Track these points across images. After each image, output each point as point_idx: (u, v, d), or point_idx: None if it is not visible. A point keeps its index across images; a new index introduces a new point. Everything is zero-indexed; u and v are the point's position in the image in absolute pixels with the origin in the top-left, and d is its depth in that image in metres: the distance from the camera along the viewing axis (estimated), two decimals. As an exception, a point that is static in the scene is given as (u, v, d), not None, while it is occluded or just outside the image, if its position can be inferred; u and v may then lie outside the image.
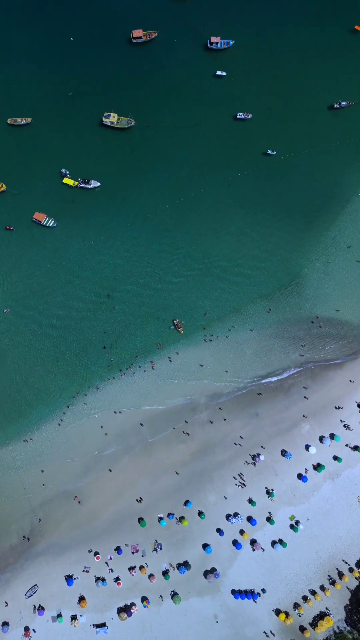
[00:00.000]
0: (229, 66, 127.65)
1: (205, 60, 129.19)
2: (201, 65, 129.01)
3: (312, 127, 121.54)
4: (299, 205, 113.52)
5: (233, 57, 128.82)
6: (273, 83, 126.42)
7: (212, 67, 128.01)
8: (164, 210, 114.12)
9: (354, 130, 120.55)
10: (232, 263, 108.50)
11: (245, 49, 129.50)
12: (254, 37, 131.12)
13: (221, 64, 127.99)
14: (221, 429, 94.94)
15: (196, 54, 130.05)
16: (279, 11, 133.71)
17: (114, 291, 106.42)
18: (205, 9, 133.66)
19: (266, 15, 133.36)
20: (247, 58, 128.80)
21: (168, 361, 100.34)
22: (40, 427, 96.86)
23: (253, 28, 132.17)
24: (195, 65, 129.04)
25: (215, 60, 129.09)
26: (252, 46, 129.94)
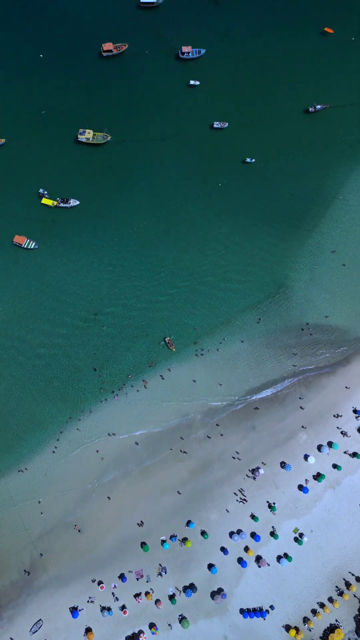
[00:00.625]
0: (202, 75, 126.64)
1: (178, 71, 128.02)
2: (174, 75, 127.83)
3: (289, 132, 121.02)
4: (280, 213, 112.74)
5: (205, 66, 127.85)
6: (247, 90, 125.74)
7: (185, 77, 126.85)
8: (146, 225, 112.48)
9: (331, 133, 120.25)
10: (219, 275, 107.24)
11: (217, 57, 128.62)
12: (226, 45, 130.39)
13: (194, 73, 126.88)
14: (218, 444, 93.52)
15: (168, 65, 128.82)
16: (249, 17, 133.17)
17: (101, 312, 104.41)
18: (174, 18, 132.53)
19: (236, 22, 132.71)
20: (219, 66, 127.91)
21: (160, 379, 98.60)
22: (34, 456, 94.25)
23: (224, 36, 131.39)
24: (168, 76, 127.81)
25: (187, 69, 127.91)
26: (224, 54, 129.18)
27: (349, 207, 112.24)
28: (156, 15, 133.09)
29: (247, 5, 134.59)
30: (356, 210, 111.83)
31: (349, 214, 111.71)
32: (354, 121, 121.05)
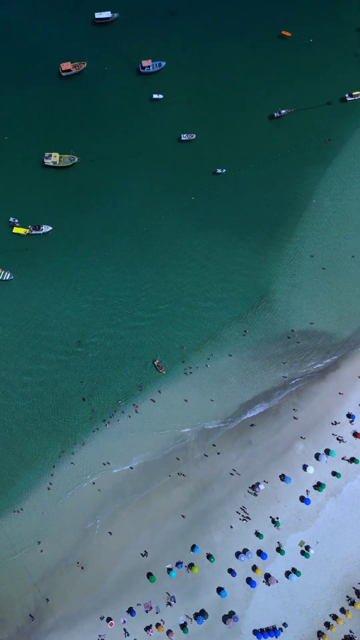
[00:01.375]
0: (165, 88, 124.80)
1: (140, 85, 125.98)
2: (136, 90, 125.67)
3: (256, 139, 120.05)
4: (256, 221, 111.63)
5: (167, 79, 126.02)
6: (211, 99, 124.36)
7: (147, 91, 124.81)
8: (122, 245, 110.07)
9: (298, 137, 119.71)
10: (200, 290, 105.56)
11: (178, 68, 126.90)
12: (186, 56, 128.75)
13: (156, 86, 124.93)
14: (216, 463, 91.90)
15: (129, 80, 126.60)
16: (206, 26, 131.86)
17: (84, 340, 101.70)
18: (131, 33, 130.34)
19: (194, 32, 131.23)
20: (181, 78, 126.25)
21: (152, 402, 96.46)
22: (29, 495, 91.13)
23: (183, 46, 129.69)
24: (131, 91, 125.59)
25: (149, 83, 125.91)
26: (184, 65, 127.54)
27: (323, 210, 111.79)
28: (112, 30, 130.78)
29: (203, 14, 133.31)
30: (331, 212, 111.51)
31: (323, 217, 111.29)
32: (320, 123, 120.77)
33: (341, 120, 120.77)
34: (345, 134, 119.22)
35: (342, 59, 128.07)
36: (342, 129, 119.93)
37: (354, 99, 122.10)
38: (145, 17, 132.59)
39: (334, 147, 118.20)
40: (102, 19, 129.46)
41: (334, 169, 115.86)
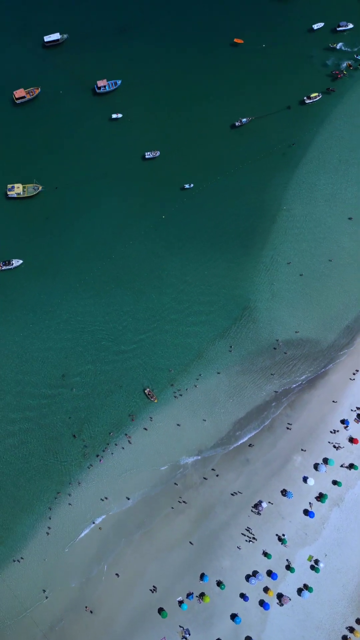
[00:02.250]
0: (123, 107, 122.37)
1: (97, 106, 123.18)
2: (94, 111, 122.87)
3: (221, 150, 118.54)
4: (229, 233, 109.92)
5: (125, 97, 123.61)
6: (171, 114, 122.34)
7: (106, 111, 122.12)
8: (96, 271, 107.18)
9: (261, 144, 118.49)
10: (182, 310, 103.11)
11: (134, 86, 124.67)
12: (140, 72, 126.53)
13: (114, 106, 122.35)
14: (216, 486, 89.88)
15: (86, 102, 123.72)
16: (158, 40, 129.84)
17: (68, 373, 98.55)
18: (83, 53, 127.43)
19: (146, 47, 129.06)
20: (139, 95, 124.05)
21: (144, 431, 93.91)
22: (28, 541, 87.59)
23: (137, 63, 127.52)
24: (89, 113, 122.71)
25: (107, 103, 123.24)
26: (140, 81, 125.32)
27: (294, 216, 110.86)
28: (63, 52, 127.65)
29: (153, 28, 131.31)
30: (302, 217, 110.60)
31: (296, 223, 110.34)
32: (282, 129, 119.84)
33: (302, 123, 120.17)
34: (308, 137, 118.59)
35: (297, 62, 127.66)
36: (304, 132, 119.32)
37: (313, 101, 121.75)
38: (95, 36, 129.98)
39: (298, 151, 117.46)
40: (52, 42, 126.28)
41: (300, 173, 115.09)
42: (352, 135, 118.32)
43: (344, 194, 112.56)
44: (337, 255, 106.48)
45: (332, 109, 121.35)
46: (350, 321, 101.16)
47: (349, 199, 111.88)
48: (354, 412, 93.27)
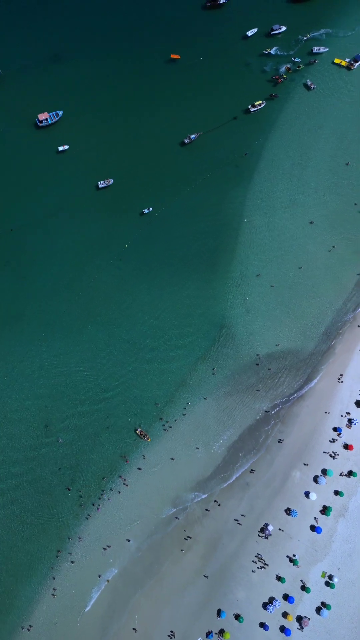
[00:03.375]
0: (69, 138, 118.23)
1: (42, 140, 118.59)
2: (39, 146, 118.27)
3: (174, 169, 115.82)
4: (195, 254, 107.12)
5: (69, 128, 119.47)
6: (119, 139, 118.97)
7: (51, 144, 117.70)
8: (66, 313, 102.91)
9: (213, 158, 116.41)
10: (159, 338, 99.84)
11: (77, 115, 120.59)
12: (81, 100, 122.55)
13: (60, 138, 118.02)
14: (219, 516, 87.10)
15: (30, 136, 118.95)
16: (93, 64, 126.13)
17: (52, 423, 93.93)
18: (19, 87, 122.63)
19: (83, 73, 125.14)
20: (82, 123, 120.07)
21: (139, 471, 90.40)
22: (35, 607, 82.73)
23: (76, 91, 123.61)
24: (34, 148, 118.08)
25: (52, 136, 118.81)
26: (82, 110, 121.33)
27: (256, 227, 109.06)
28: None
29: (87, 51, 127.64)
30: (264, 227, 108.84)
31: (258, 234, 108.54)
32: (232, 140, 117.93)
33: (251, 132, 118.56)
34: (258, 145, 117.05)
35: (236, 71, 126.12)
36: (254, 141, 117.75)
37: (258, 109, 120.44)
38: (29, 67, 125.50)
39: (251, 160, 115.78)
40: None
41: (256, 183, 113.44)
42: (301, 138, 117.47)
43: (302, 198, 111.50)
44: (304, 261, 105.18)
45: (277, 115, 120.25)
46: (327, 326, 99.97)
47: (308, 203, 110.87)
48: (344, 417, 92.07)
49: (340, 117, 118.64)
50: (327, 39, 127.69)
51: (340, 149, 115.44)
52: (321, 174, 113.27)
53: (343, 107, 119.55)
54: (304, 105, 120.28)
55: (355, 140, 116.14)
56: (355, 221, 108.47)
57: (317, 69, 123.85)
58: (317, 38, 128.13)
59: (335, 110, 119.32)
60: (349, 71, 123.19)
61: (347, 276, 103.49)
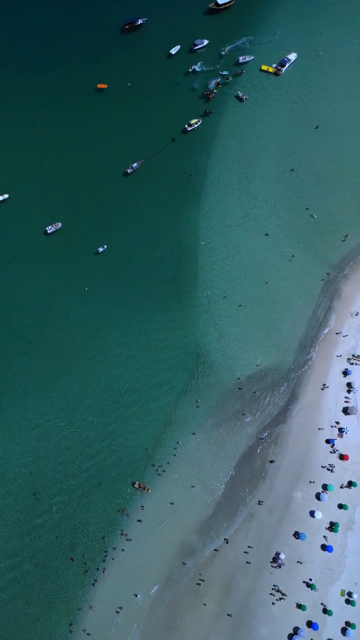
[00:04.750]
0: (7, 186, 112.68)
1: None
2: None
3: (121, 202, 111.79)
4: (158, 285, 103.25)
5: (5, 175, 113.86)
6: (60, 180, 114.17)
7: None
8: (33, 368, 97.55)
9: (160, 183, 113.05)
10: (137, 380, 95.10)
11: (11, 160, 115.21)
12: (13, 143, 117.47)
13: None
14: (229, 554, 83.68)
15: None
16: (20, 106, 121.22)
17: (40, 489, 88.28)
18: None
19: (10, 116, 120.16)
20: (19, 168, 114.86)
21: (139, 523, 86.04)
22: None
23: (6, 134, 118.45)
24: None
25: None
26: (17, 153, 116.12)
27: (214, 249, 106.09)
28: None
29: (11, 92, 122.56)
30: (222, 248, 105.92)
31: (217, 255, 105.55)
32: (174, 163, 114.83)
33: (192, 152, 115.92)
34: (201, 164, 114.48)
35: (167, 92, 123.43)
36: (197, 160, 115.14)
37: (195, 128, 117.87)
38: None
39: (197, 181, 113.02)
40: None
41: (206, 203, 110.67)
42: (243, 151, 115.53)
43: (253, 211, 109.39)
44: (267, 275, 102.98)
45: (215, 130, 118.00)
46: (302, 337, 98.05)
47: (260, 215, 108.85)
48: (335, 427, 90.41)
49: (276, 124, 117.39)
50: (251, 46, 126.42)
51: (282, 156, 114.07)
52: (268, 184, 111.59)
53: (278, 114, 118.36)
54: (239, 117, 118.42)
55: (295, 145, 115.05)
56: (309, 226, 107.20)
57: (246, 79, 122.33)
58: (241, 47, 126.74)
59: (271, 118, 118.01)
60: (278, 77, 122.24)
61: (311, 283, 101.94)
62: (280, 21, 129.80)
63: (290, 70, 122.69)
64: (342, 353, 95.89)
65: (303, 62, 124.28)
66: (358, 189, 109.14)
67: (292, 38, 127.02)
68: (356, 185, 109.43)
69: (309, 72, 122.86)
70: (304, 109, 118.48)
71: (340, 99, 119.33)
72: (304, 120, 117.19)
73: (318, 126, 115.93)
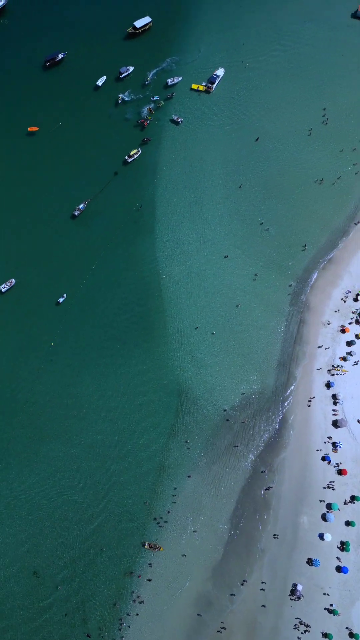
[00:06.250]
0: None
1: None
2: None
3: (74, 247, 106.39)
4: (126, 327, 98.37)
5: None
6: (6, 236, 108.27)
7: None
8: (11, 440, 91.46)
9: (110, 221, 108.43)
10: (122, 431, 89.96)
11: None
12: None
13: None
14: (246, 595, 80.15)
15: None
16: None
17: (40, 567, 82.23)
18: None
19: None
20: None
21: (149, 583, 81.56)
22: None
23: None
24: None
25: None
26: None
27: (176, 280, 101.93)
28: None
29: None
30: (184, 278, 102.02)
31: (181, 286, 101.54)
32: (120, 197, 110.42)
33: (137, 183, 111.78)
34: (149, 194, 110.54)
35: (100, 125, 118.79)
36: (143, 191, 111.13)
37: (135, 158, 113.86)
38: None
39: (147, 212, 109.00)
40: None
41: (160, 234, 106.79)
42: (188, 175, 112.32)
43: (209, 234, 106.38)
44: (234, 298, 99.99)
45: (157, 157, 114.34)
46: (279, 355, 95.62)
47: (216, 237, 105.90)
48: (328, 443, 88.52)
49: (216, 142, 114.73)
50: (177, 67, 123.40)
51: (228, 174, 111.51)
52: (219, 204, 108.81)
53: (216, 132, 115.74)
54: (178, 141, 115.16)
55: (239, 161, 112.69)
56: (266, 241, 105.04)
57: (178, 101, 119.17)
58: (167, 69, 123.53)
59: (210, 137, 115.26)
60: (209, 94, 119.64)
61: (279, 299, 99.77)
62: (201, 37, 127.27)
63: (220, 86, 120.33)
64: (321, 365, 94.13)
65: (232, 76, 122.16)
66: (307, 196, 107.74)
67: (216, 53, 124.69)
68: (304, 193, 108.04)
69: (239, 85, 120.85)
70: (241, 123, 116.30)
71: (275, 108, 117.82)
72: (243, 134, 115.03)
73: (258, 138, 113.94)
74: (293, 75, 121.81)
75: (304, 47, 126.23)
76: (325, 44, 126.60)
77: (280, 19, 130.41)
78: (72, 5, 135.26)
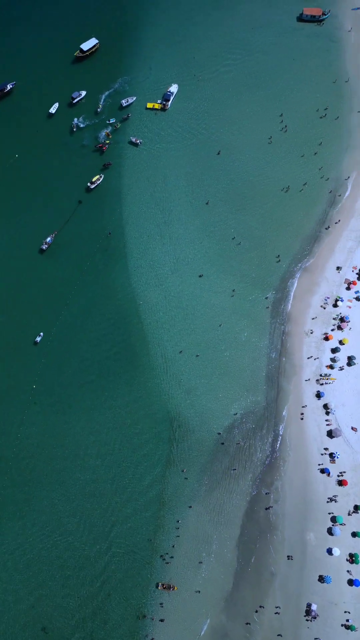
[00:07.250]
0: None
1: None
2: None
3: (45, 282, 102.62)
4: (108, 359, 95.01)
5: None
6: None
7: None
8: (2, 495, 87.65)
9: (80, 251, 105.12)
10: (117, 468, 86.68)
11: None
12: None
13: None
14: (262, 621, 77.94)
15: None
16: None
17: (48, 621, 78.68)
18: None
19: None
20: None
21: (162, 623, 78.65)
22: None
23: None
24: None
25: None
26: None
27: (153, 305, 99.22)
28: None
29: None
30: (161, 301, 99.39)
31: (159, 310, 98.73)
32: (88, 226, 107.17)
33: (102, 210, 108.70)
34: (116, 220, 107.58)
35: (58, 154, 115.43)
36: (110, 217, 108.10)
37: (98, 184, 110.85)
38: None
39: (116, 239, 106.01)
40: None
41: (132, 259, 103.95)
42: (154, 195, 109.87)
43: (182, 254, 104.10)
44: (215, 316, 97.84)
45: (120, 181, 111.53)
46: (266, 370, 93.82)
47: (189, 257, 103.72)
48: (325, 455, 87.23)
49: (178, 160, 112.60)
50: (130, 87, 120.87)
51: (194, 191, 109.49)
52: (188, 223, 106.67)
53: (177, 149, 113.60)
54: (139, 162, 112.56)
55: (203, 176, 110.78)
56: (239, 254, 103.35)
57: (134, 122, 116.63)
58: (120, 90, 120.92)
59: (171, 155, 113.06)
60: (165, 112, 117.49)
61: (259, 313, 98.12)
62: (151, 54, 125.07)
63: (176, 102, 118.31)
64: (309, 376, 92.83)
65: (186, 90, 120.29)
66: (275, 206, 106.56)
67: (168, 69, 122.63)
68: (271, 203, 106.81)
69: (194, 99, 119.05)
70: (200, 138, 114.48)
71: (232, 119, 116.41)
72: (204, 149, 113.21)
73: (220, 152, 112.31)
74: (247, 84, 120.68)
75: (254, 55, 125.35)
76: (275, 49, 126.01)
77: (228, 28, 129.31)
78: (16, 33, 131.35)
